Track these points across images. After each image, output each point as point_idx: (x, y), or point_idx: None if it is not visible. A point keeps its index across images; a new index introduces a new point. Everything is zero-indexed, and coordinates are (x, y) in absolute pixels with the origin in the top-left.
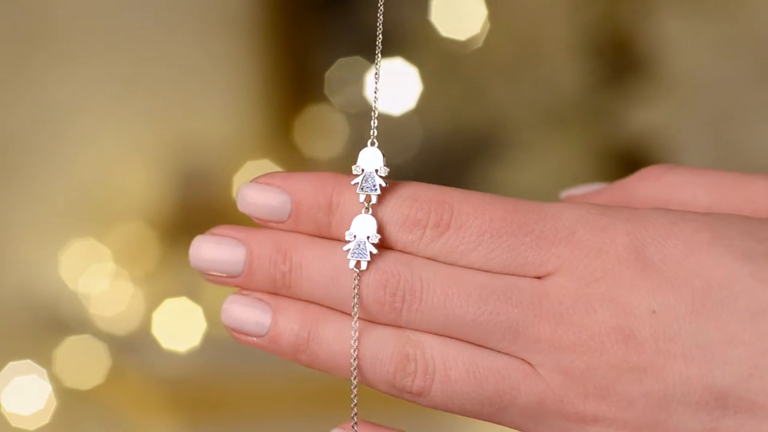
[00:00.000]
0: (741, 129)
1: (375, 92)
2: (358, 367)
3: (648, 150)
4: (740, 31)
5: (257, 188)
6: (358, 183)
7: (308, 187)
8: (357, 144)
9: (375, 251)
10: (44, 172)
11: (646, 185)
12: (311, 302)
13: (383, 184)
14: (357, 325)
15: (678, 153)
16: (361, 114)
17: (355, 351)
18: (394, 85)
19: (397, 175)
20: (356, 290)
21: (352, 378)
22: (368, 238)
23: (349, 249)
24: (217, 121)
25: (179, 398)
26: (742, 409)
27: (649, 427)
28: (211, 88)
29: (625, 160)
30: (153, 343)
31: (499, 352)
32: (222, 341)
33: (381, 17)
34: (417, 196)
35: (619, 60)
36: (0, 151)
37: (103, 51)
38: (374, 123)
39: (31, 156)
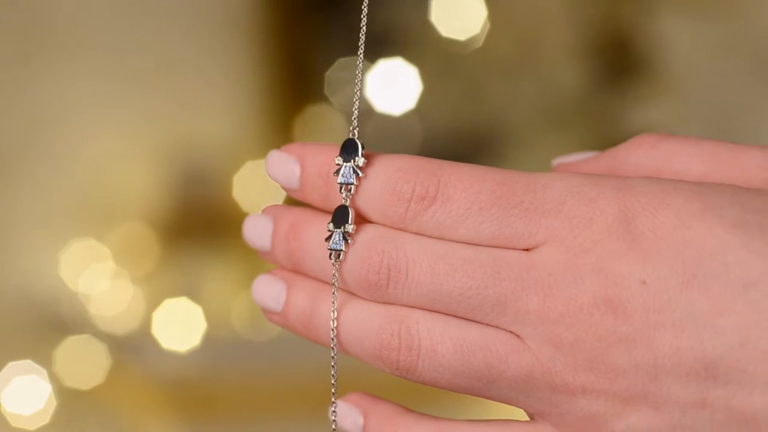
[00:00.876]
0: (741, 129)
1: (357, 82)
2: (347, 343)
3: None
4: (740, 31)
5: (277, 156)
6: (338, 173)
7: (312, 156)
8: None
9: (350, 241)
10: (44, 172)
11: (638, 153)
12: (318, 279)
13: (360, 174)
14: (337, 301)
15: None
16: (361, 114)
17: (334, 331)
18: (394, 85)
19: None
20: (335, 277)
21: (332, 354)
22: (344, 228)
23: (328, 240)
24: (217, 121)
25: (179, 398)
26: (733, 379)
27: (638, 398)
28: (211, 89)
29: None
30: (153, 343)
31: (487, 325)
32: (222, 341)
33: (365, 18)
34: (405, 168)
35: (619, 60)
36: (0, 151)
37: (103, 51)
38: (356, 112)
39: (31, 156)
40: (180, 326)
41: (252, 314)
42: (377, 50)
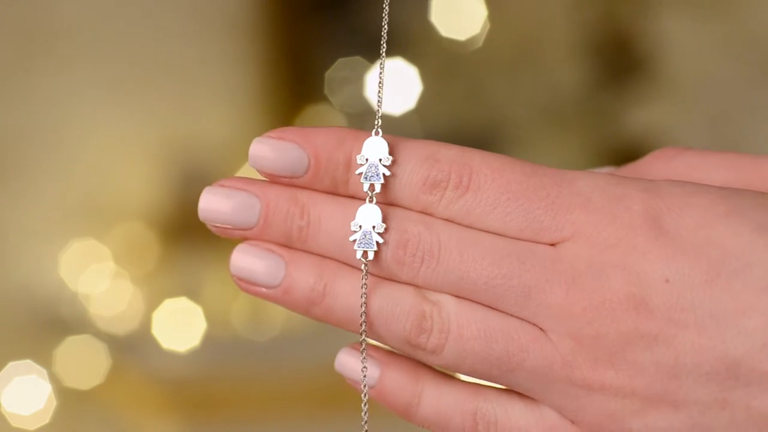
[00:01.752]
0: (741, 129)
1: (380, 83)
2: (372, 324)
3: (648, 149)
4: (740, 31)
5: (271, 143)
6: (362, 173)
7: (327, 141)
8: None
9: (381, 240)
10: (44, 172)
11: (658, 166)
12: (328, 257)
13: (387, 173)
14: (367, 283)
15: None
16: (361, 114)
17: (363, 306)
18: (394, 85)
19: None
20: (365, 279)
21: (360, 331)
22: (374, 227)
23: (356, 239)
24: (217, 122)
25: (179, 398)
26: (754, 380)
27: (657, 396)
28: (211, 89)
29: (625, 160)
30: (153, 343)
31: (511, 315)
32: (222, 341)
33: (386, 17)
34: (438, 156)
35: (619, 60)
36: (0, 152)
37: (103, 52)
38: (379, 113)
39: (31, 157)
40: (180, 326)
41: (252, 314)
42: (377, 50)
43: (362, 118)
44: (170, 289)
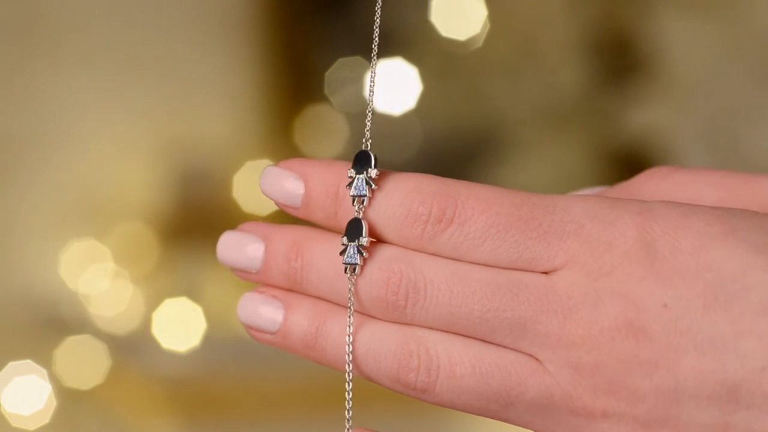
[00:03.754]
0: (741, 129)
1: (370, 94)
2: (363, 364)
3: (648, 150)
4: (740, 31)
5: (276, 172)
6: (351, 185)
7: (319, 173)
8: (357, 144)
9: (366, 255)
10: (44, 172)
11: (651, 185)
12: (322, 299)
13: (374, 187)
14: (353, 322)
15: (678, 153)
16: (361, 114)
17: (350, 347)
18: (394, 85)
19: None
20: (351, 292)
21: (347, 375)
22: (358, 241)
23: (343, 255)
24: (217, 122)
25: (179, 398)
26: (755, 403)
27: (659, 422)
28: (211, 89)
29: (625, 160)
30: (153, 343)
31: (506, 347)
32: (222, 341)
33: (378, 19)
34: (420, 189)
35: (619, 60)
36: (0, 152)
37: (102, 52)
38: (369, 125)
39: (31, 156)
40: (180, 326)
41: None
42: (377, 50)
43: (362, 118)
44: (170, 289)
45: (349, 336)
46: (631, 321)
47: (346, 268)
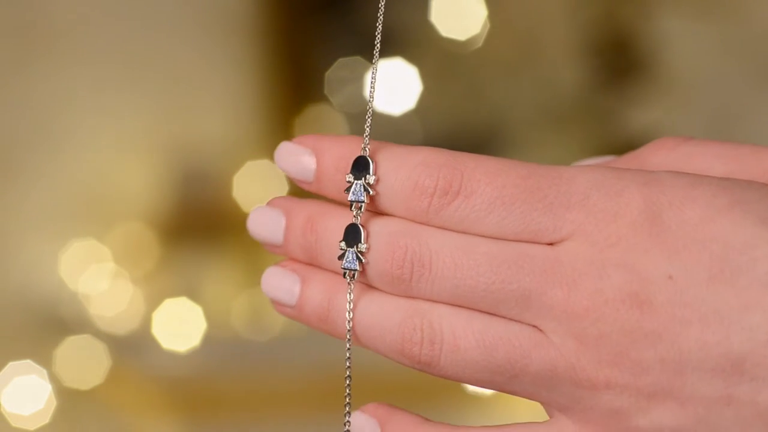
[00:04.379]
0: (741, 129)
1: (370, 99)
2: (369, 337)
3: None
4: (740, 31)
5: (289, 147)
6: (349, 191)
7: (330, 148)
8: None
9: (364, 260)
10: (44, 172)
11: (660, 156)
12: (335, 272)
13: (371, 193)
14: (353, 299)
15: None
16: (361, 114)
17: (350, 323)
18: (394, 85)
19: None
20: (350, 291)
21: (346, 349)
22: (357, 247)
23: (341, 260)
24: (217, 121)
25: (179, 398)
26: (759, 375)
27: (663, 393)
28: (211, 89)
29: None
30: (153, 343)
31: (510, 320)
32: (222, 341)
33: (381, 18)
34: (428, 162)
35: (619, 60)
36: (0, 152)
37: (103, 52)
38: (368, 129)
39: (31, 156)
40: (180, 326)
41: (252, 314)
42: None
43: (362, 118)
44: (170, 289)
45: (349, 312)
46: (636, 292)
47: (345, 273)
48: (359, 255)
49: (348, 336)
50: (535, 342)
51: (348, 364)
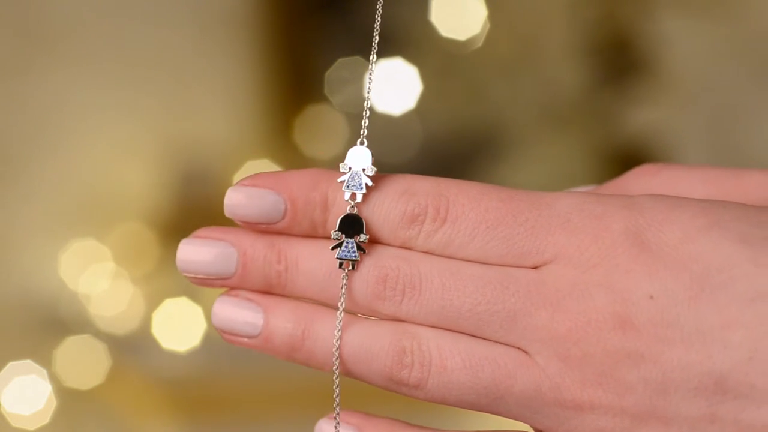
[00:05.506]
0: (741, 129)
1: (368, 92)
2: (354, 363)
3: (648, 150)
4: (740, 31)
5: (245, 191)
6: (344, 181)
7: (302, 184)
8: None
9: (364, 251)
10: (45, 172)
11: (641, 182)
12: (303, 300)
13: (369, 183)
14: (342, 318)
15: (678, 153)
16: (361, 114)
17: (338, 341)
18: (394, 85)
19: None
20: (344, 289)
21: (334, 369)
22: (357, 238)
23: (337, 249)
24: (217, 122)
25: (179, 398)
26: (742, 393)
27: (646, 413)
28: (211, 89)
29: (625, 160)
30: (153, 343)
31: (495, 341)
32: (222, 341)
33: (379, 19)
34: (413, 190)
35: (619, 60)
36: (0, 152)
37: (103, 52)
38: (365, 122)
39: (31, 156)
40: (180, 326)
41: None
42: (377, 50)
43: (362, 118)
44: (170, 289)
45: (337, 332)
46: (618, 313)
47: (341, 264)
48: (360, 245)
49: (335, 363)
50: (519, 363)
51: (336, 392)
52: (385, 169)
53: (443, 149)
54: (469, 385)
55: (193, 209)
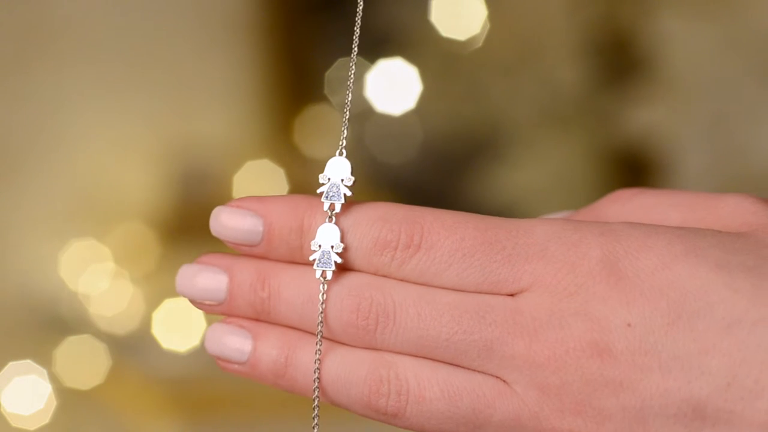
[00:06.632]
0: (741, 129)
1: (347, 101)
2: (333, 391)
3: (648, 150)
4: (740, 31)
5: (230, 211)
6: (323, 192)
7: (280, 209)
8: (357, 144)
9: (339, 260)
10: (44, 172)
11: (616, 208)
12: (290, 327)
13: (348, 194)
14: (321, 346)
15: (677, 153)
16: (361, 114)
17: (317, 371)
18: (394, 85)
19: (398, 174)
20: (321, 317)
21: (314, 398)
22: (332, 247)
23: (315, 259)
24: (217, 121)
25: (179, 398)
26: (721, 419)
27: None
28: (211, 89)
29: (625, 160)
30: (153, 343)
31: (474, 370)
32: None
33: (357, 29)
34: (387, 217)
35: (619, 60)
36: (0, 152)
37: (102, 52)
38: (344, 133)
39: (31, 156)
40: (180, 326)
41: None
42: (377, 50)
43: (362, 118)
44: (170, 289)
45: (316, 362)
46: (596, 341)
47: (320, 273)
48: (335, 254)
49: (315, 391)
50: (498, 392)
51: (315, 421)
52: (385, 168)
53: (443, 149)
54: (447, 414)
55: (193, 209)
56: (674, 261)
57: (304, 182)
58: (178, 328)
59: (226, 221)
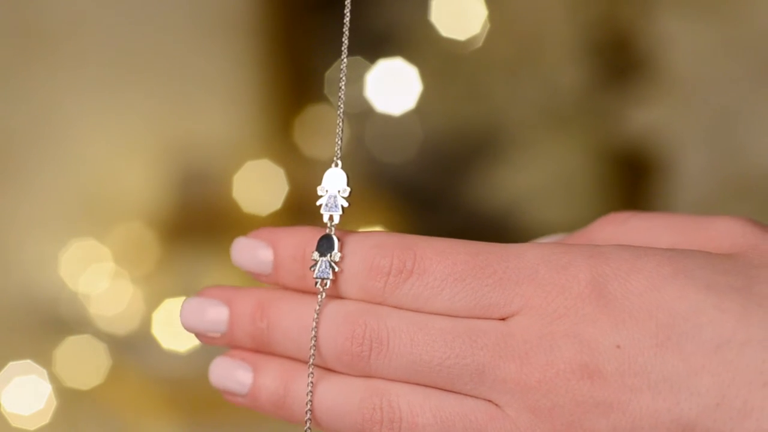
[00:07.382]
0: (741, 129)
1: (339, 110)
2: (328, 420)
3: (648, 150)
4: (740, 31)
5: (245, 242)
6: (323, 203)
7: (287, 239)
8: (357, 144)
9: (337, 269)
10: (44, 172)
11: (608, 231)
12: (290, 357)
13: (345, 205)
14: (312, 377)
15: (678, 153)
16: (361, 114)
17: (308, 403)
18: (394, 85)
19: (398, 174)
20: (313, 349)
21: (305, 429)
22: (330, 256)
23: (314, 269)
24: (217, 121)
25: (179, 398)
26: None
27: None
28: (211, 89)
29: (625, 160)
30: (153, 343)
31: (466, 395)
32: None
33: (347, 23)
34: (381, 244)
35: (619, 60)
36: (0, 151)
37: (102, 51)
38: (339, 143)
39: (31, 156)
40: (180, 326)
41: None
42: (377, 50)
43: (362, 119)
44: (170, 289)
45: (309, 393)
46: (586, 363)
47: (317, 282)
48: (332, 264)
49: (307, 423)
50: (490, 416)
51: None
52: (385, 168)
53: (443, 149)
54: None
55: (193, 209)
56: (663, 283)
57: (304, 182)
58: (178, 328)
59: (241, 251)
